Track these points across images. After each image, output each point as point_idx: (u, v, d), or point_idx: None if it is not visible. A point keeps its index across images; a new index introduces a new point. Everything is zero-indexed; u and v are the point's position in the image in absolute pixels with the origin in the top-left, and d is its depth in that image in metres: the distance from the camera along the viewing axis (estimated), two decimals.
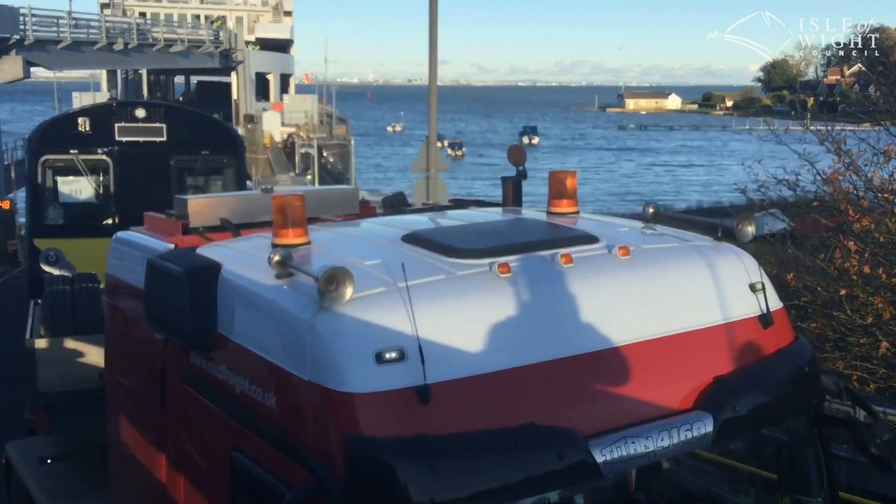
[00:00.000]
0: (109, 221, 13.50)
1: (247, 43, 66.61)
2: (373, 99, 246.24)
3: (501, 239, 4.48)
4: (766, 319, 4.42)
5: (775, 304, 4.55)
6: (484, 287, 3.90)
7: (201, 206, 5.55)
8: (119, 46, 47.13)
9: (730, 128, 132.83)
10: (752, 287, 4.46)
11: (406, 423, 3.43)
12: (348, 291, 3.57)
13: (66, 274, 9.50)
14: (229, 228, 5.39)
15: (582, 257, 4.23)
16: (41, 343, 7.99)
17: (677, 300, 4.26)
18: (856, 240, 13.23)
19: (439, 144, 22.16)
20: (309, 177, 40.59)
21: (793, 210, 16.07)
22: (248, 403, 4.00)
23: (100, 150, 13.41)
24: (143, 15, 62.13)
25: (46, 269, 12.40)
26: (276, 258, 3.85)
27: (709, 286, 4.39)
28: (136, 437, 5.53)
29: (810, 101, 79.86)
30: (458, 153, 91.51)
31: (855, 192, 14.37)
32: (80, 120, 13.38)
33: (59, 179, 13.58)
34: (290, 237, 4.38)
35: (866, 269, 12.82)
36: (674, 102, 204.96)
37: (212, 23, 63.70)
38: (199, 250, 4.84)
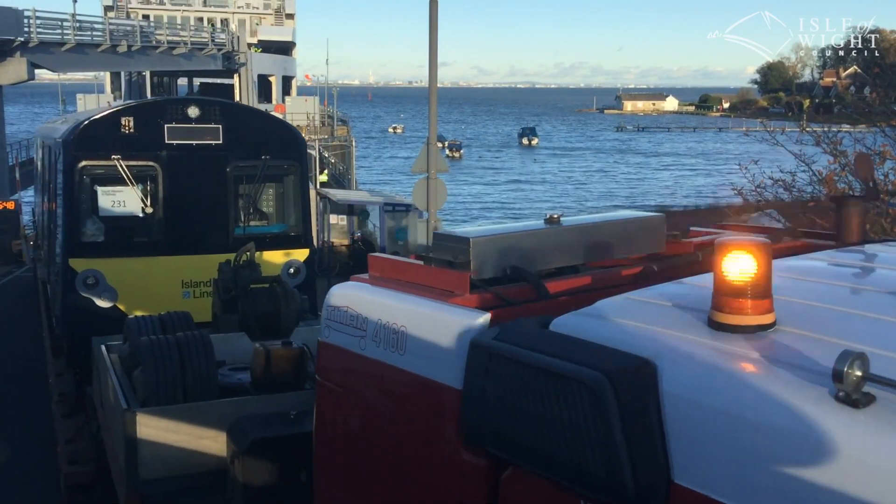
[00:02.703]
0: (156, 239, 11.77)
1: (249, 45, 66.89)
2: (373, 100, 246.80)
3: None
4: None
5: None
6: None
7: (486, 247, 3.92)
8: (123, 49, 47.35)
9: (727, 129, 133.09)
10: None
11: None
12: None
13: (150, 313, 8.00)
14: (532, 283, 3.84)
15: None
16: (145, 418, 6.09)
17: None
18: None
19: (439, 145, 22.48)
20: (323, 178, 40.35)
21: (789, 211, 16.31)
22: None
23: (147, 156, 11.46)
24: (146, 17, 62.41)
25: (85, 295, 10.94)
26: (855, 371, 2.30)
27: None
28: None
29: (806, 102, 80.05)
30: (457, 154, 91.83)
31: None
32: (123, 120, 11.33)
33: (100, 189, 11.52)
34: (749, 313, 2.77)
35: None
36: (671, 104, 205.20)
37: (210, 25, 63.83)
38: (561, 327, 3.19)
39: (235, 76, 64.38)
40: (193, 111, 11.63)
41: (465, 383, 3.27)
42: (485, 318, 3.44)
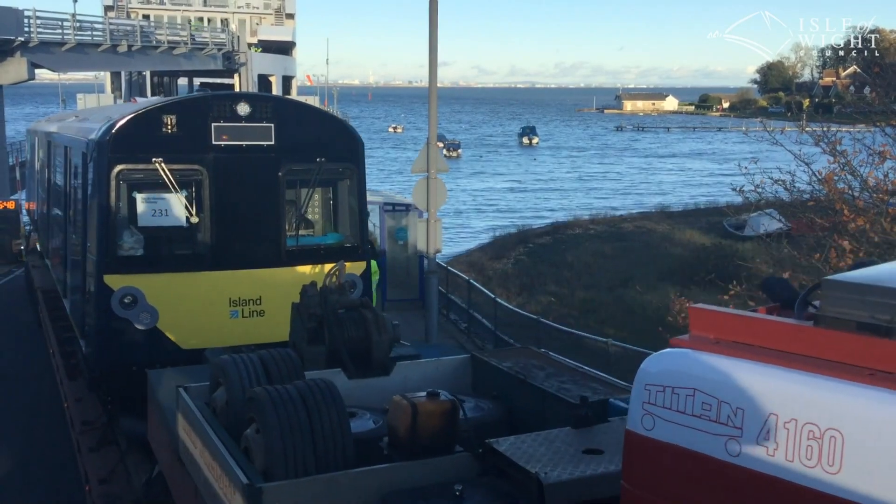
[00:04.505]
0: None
1: (249, 45, 66.85)
2: (374, 100, 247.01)
3: None
4: None
5: None
6: None
7: None
8: (123, 48, 47.28)
9: (726, 129, 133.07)
10: None
11: None
12: None
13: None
14: None
15: None
16: (274, 499, 4.84)
17: None
18: (851, 239, 13.43)
19: (439, 145, 22.37)
20: None
21: (788, 210, 16.32)
22: None
23: (192, 158, 10.28)
24: (146, 17, 62.33)
25: (122, 315, 9.87)
26: None
27: None
28: None
29: (806, 102, 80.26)
30: (455, 154, 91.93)
31: (850, 192, 14.59)
32: (165, 118, 10.10)
33: (138, 197, 10.29)
34: None
35: None
36: (671, 104, 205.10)
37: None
38: None
39: (235, 76, 64.32)
40: (243, 108, 10.40)
41: None
42: None
